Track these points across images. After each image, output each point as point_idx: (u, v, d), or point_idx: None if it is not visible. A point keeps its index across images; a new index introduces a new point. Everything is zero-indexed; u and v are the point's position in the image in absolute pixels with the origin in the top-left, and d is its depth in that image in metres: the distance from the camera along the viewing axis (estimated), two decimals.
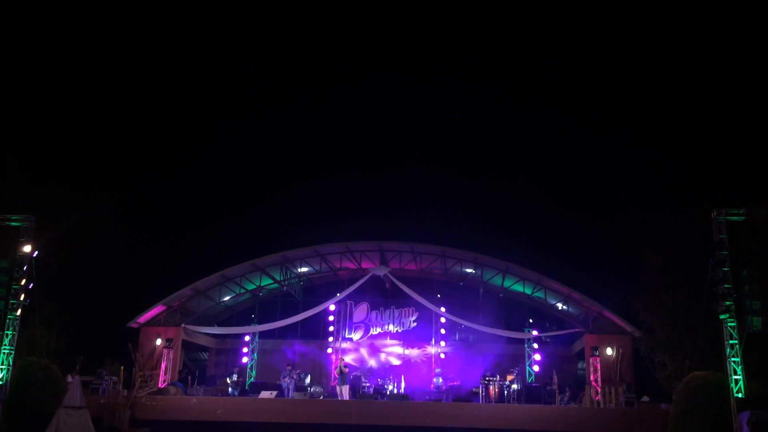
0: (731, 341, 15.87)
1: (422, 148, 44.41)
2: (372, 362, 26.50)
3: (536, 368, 25.46)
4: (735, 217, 16.66)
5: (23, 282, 17.59)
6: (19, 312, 17.69)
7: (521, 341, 26.03)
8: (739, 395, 15.47)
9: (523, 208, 35.98)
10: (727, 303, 15.84)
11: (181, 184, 37.39)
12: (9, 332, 17.58)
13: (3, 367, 17.44)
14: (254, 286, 26.87)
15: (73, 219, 23.34)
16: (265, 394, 21.33)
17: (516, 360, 25.50)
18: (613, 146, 38.38)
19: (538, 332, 25.54)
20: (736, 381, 15.61)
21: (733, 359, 15.77)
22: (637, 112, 39.42)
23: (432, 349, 26.43)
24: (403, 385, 24.45)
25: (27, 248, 17.85)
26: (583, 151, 38.64)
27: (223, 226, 35.82)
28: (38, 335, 20.54)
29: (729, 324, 15.90)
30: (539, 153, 41.37)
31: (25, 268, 17.65)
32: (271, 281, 26.87)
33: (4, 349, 17.51)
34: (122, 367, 21.22)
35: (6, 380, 17.38)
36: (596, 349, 23.00)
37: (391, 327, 26.92)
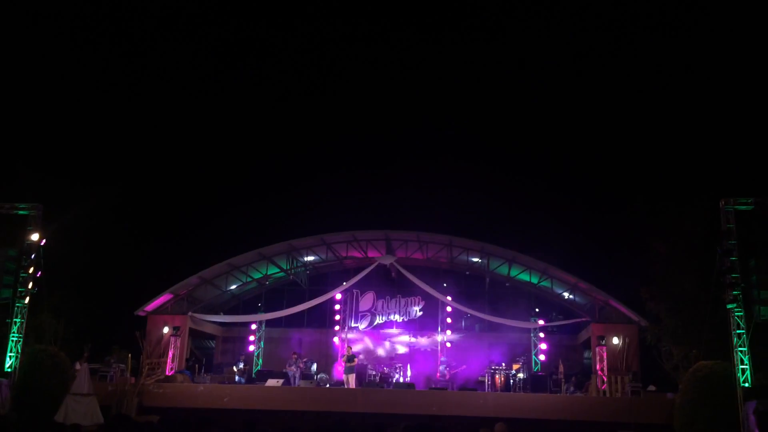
0: (738, 331, 15.85)
1: (428, 137, 44.37)
2: (378, 351, 26.57)
3: (542, 357, 25.46)
4: (743, 207, 16.59)
5: (31, 270, 17.71)
6: (27, 300, 17.82)
7: (527, 330, 26.01)
8: (746, 385, 15.47)
9: (529, 197, 35.92)
10: (735, 293, 15.80)
11: (189, 174, 37.46)
12: (17, 320, 17.72)
13: (12, 354, 17.59)
14: (261, 275, 26.93)
15: (81, 208, 23.40)
16: (271, 382, 21.44)
17: (522, 349, 25.49)
18: (621, 136, 38.20)
19: (545, 321, 25.53)
20: (743, 371, 15.61)
21: (740, 349, 15.75)
22: (645, 101, 39.20)
23: (438, 338, 26.46)
24: (408, 373, 24.54)
25: (35, 237, 17.94)
26: (591, 141, 38.48)
27: (229, 214, 35.84)
28: (46, 323, 20.65)
29: (736, 314, 15.87)
30: (546, 142, 41.22)
31: (33, 256, 17.77)
32: (278, 270, 26.92)
33: (13, 336, 17.65)
34: (130, 355, 21.33)
35: (15, 368, 17.52)
36: (602, 338, 22.96)
37: (397, 316, 26.96)
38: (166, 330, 24.00)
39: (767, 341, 16.53)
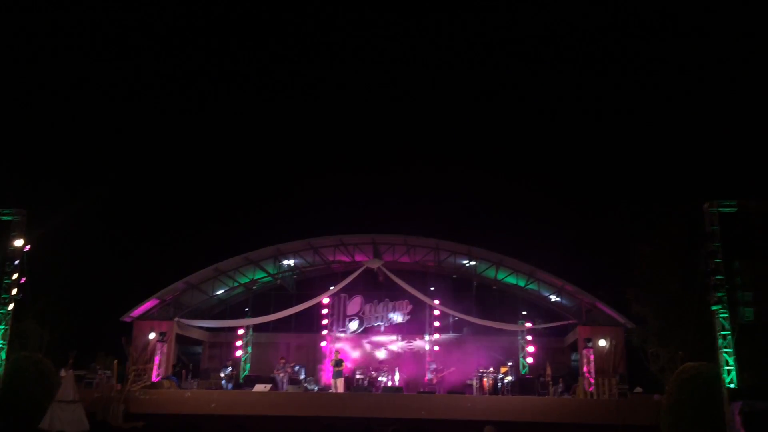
0: (723, 332, 15.95)
1: (416, 140, 44.41)
2: (366, 355, 26.50)
3: (530, 360, 25.55)
4: (727, 209, 16.70)
5: (15, 276, 17.48)
6: (11, 306, 17.58)
7: (515, 333, 26.10)
8: (731, 386, 15.57)
9: (516, 200, 36.04)
10: (720, 294, 15.90)
11: (175, 178, 37.26)
12: (1, 327, 17.49)
13: None
14: (248, 280, 26.82)
15: (65, 213, 23.22)
16: (259, 388, 21.33)
17: (509, 352, 25.54)
18: (606, 139, 38.45)
19: (532, 324, 25.60)
20: (729, 371, 15.71)
21: (725, 350, 15.85)
22: (630, 105, 39.52)
23: (426, 342, 26.46)
24: (396, 377, 24.50)
25: (19, 242, 17.72)
26: (576, 144, 38.73)
27: (216, 219, 35.68)
28: (31, 329, 20.42)
29: (721, 315, 15.98)
30: (532, 146, 41.42)
31: (16, 262, 17.54)
32: (265, 274, 26.82)
33: None
34: (116, 361, 21.15)
35: None
36: (589, 340, 23.08)
37: (384, 320, 26.93)
38: (152, 336, 23.82)
39: (752, 342, 16.66)
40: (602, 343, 22.97)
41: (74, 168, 33.35)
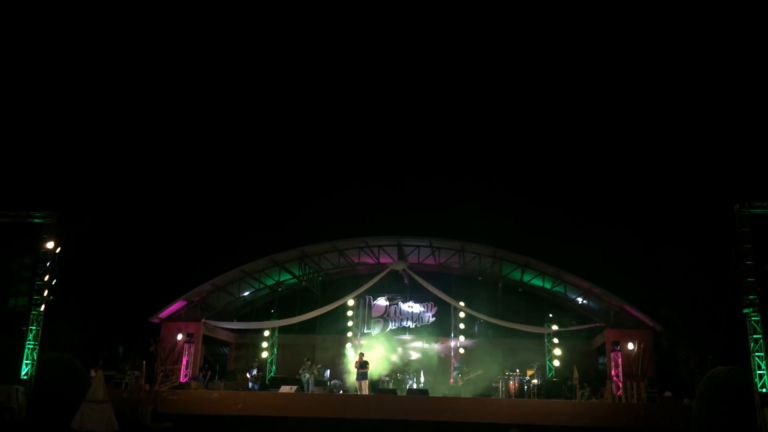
0: (755, 335, 15.67)
1: (440, 141, 44.36)
2: (391, 357, 26.46)
3: (556, 363, 25.28)
4: (758, 210, 16.41)
5: (46, 278, 17.81)
6: (42, 308, 17.92)
7: (541, 336, 25.86)
8: (764, 390, 15.29)
9: (542, 202, 35.79)
10: (751, 297, 15.63)
11: (200, 181, 37.69)
12: (33, 328, 17.83)
13: (28, 362, 17.70)
14: (273, 282, 26.98)
15: (95, 215, 23.59)
16: (285, 389, 21.44)
17: (536, 355, 25.33)
18: (634, 140, 38.01)
19: (558, 327, 25.36)
20: (761, 376, 15.42)
21: (757, 354, 15.57)
22: (661, 106, 38.98)
23: (451, 344, 26.36)
24: (422, 379, 24.43)
25: (50, 245, 18.06)
26: (605, 145, 38.32)
27: (241, 221, 36.02)
28: (61, 330, 20.78)
29: (753, 318, 15.70)
30: (559, 146, 41.09)
31: (48, 264, 17.88)
32: (290, 276, 26.95)
33: (29, 344, 17.76)
34: (144, 362, 21.42)
35: (31, 375, 17.63)
36: (617, 343, 22.78)
37: (409, 322, 26.91)
38: (179, 337, 24.09)
39: None
40: (630, 346, 22.67)
41: (104, 171, 33.91)
